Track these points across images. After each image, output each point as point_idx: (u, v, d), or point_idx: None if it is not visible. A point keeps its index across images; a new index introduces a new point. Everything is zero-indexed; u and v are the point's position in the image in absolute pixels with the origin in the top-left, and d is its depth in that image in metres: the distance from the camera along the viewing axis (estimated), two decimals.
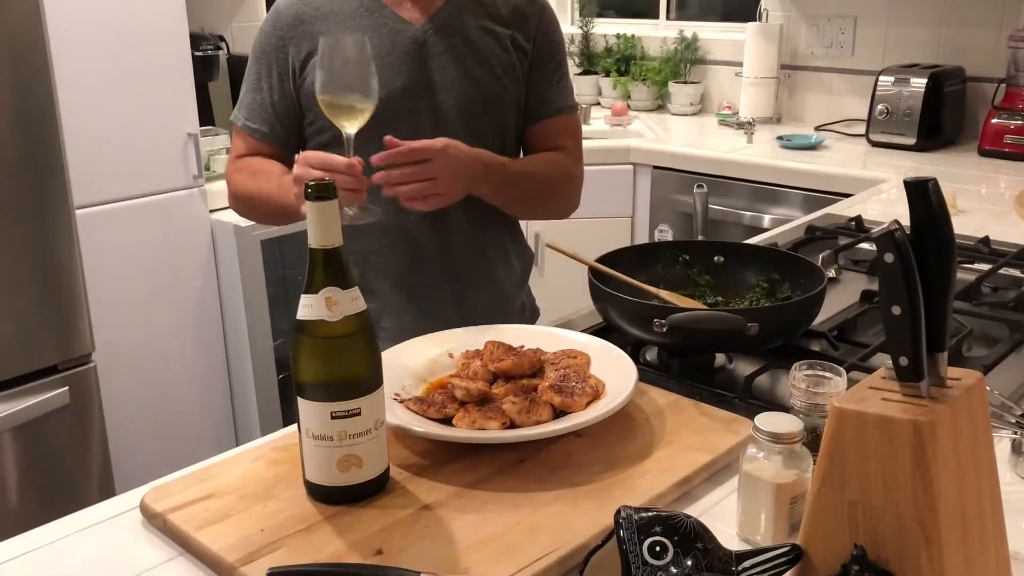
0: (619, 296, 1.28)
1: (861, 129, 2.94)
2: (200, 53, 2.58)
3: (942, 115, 2.76)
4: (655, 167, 2.96)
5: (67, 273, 2.06)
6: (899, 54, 3.00)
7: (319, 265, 0.90)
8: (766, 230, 2.55)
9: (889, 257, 0.72)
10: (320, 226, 0.90)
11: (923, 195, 0.73)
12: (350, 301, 0.91)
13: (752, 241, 1.86)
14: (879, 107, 2.80)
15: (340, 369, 0.92)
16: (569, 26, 4.02)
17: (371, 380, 0.93)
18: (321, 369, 0.92)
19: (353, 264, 1.49)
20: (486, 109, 1.47)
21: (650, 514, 0.76)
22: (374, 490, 0.95)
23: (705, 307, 1.37)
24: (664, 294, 1.38)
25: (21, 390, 2.03)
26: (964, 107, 2.85)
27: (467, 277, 1.53)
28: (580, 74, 3.82)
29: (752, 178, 2.74)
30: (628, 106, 3.52)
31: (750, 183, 2.74)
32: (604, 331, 1.36)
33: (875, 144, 2.84)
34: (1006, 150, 2.62)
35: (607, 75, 3.72)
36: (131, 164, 2.35)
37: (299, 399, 0.92)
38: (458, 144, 1.32)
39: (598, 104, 3.75)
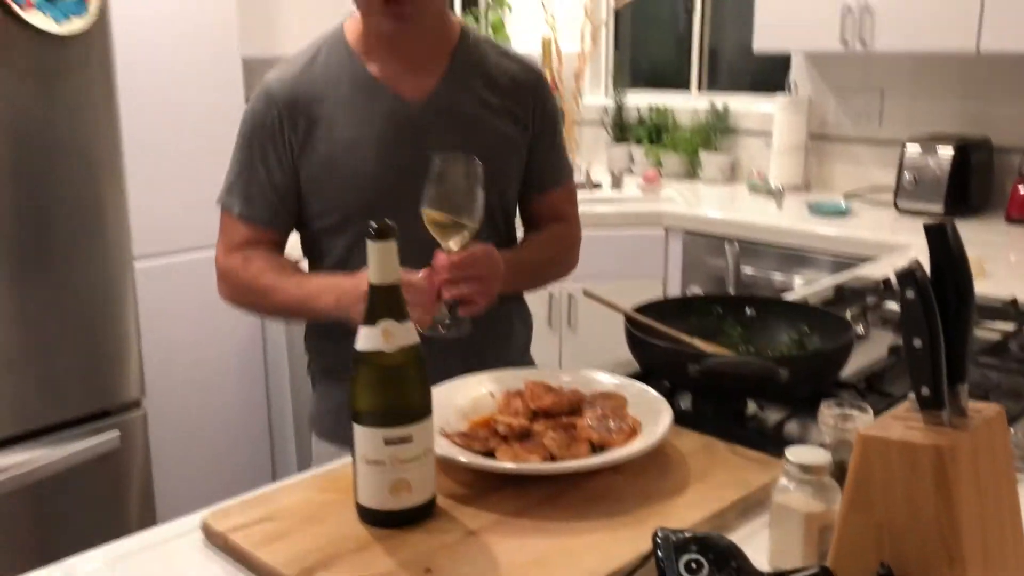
0: (655, 342, 1.34)
1: (889, 197, 3.00)
2: None
3: (969, 184, 2.82)
4: (687, 231, 3.04)
5: (123, 321, 2.15)
6: (926, 125, 3.08)
7: (378, 300, 0.98)
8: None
9: (910, 294, 0.78)
10: (380, 265, 0.97)
11: (942, 237, 0.79)
12: (405, 333, 0.98)
13: (784, 298, 1.91)
14: (906, 175, 2.87)
15: (394, 397, 0.98)
16: (603, 97, 4.16)
17: (422, 409, 0.99)
18: (377, 397, 0.98)
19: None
20: (490, 185, 1.39)
21: (686, 535, 0.81)
22: (422, 515, 1.01)
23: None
24: (699, 343, 1.44)
25: (74, 433, 2.11)
26: (992, 176, 2.91)
27: (477, 347, 1.48)
28: (613, 143, 3.93)
29: (782, 242, 2.80)
30: (660, 173, 3.61)
31: (780, 247, 2.81)
32: (640, 378, 1.41)
33: (903, 211, 2.90)
34: None
35: (639, 143, 3.82)
36: (188, 219, 2.47)
37: (355, 425, 0.98)
38: (492, 246, 1.34)
39: (630, 171, 3.85)
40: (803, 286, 2.64)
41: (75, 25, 1.94)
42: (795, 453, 0.94)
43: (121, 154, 2.11)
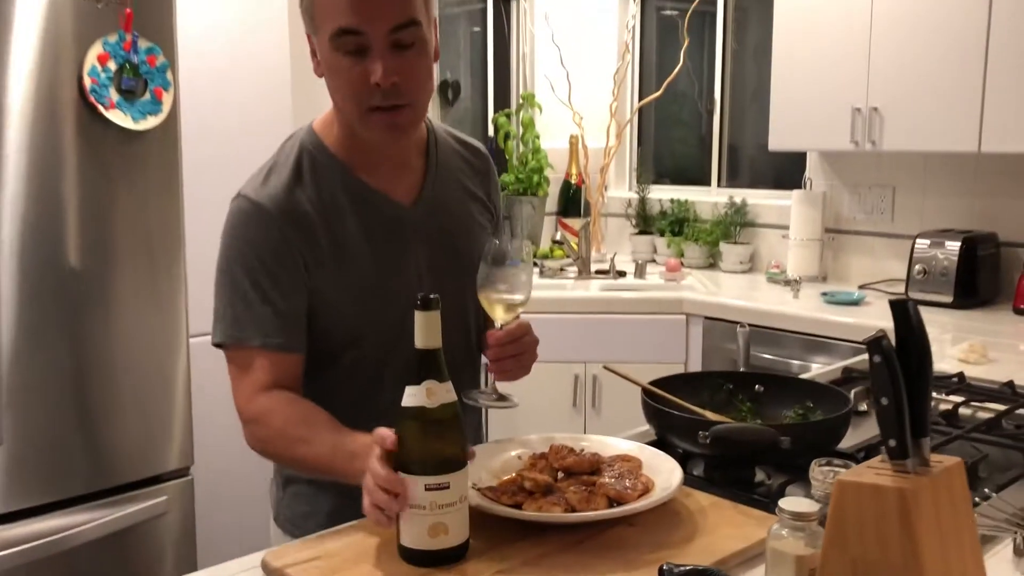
0: (668, 411, 1.47)
1: (902, 288, 3.13)
2: None
3: (977, 276, 2.95)
4: (706, 317, 3.18)
5: (176, 394, 2.32)
6: (936, 220, 3.23)
7: (423, 362, 1.13)
8: None
9: (877, 359, 0.92)
10: (425, 331, 1.13)
11: (904, 312, 0.94)
12: (446, 392, 1.13)
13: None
14: (916, 267, 3.01)
15: (435, 447, 1.12)
16: (627, 191, 4.36)
17: (459, 459, 1.13)
18: (420, 447, 1.12)
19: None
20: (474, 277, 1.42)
21: (689, 567, 0.94)
22: (457, 556, 1.13)
23: None
24: (709, 414, 1.57)
25: (125, 497, 2.25)
26: (999, 269, 3.04)
27: None
28: (637, 234, 4.11)
29: (798, 329, 2.93)
30: (682, 263, 3.77)
31: (797, 334, 2.94)
32: (655, 445, 1.54)
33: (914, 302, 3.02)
34: None
35: (661, 235, 4.00)
36: None
37: (400, 473, 1.12)
38: (529, 323, 1.44)
39: (653, 261, 4.01)
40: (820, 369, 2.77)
41: (149, 122, 2.16)
42: (788, 503, 1.06)
43: (183, 239, 2.30)
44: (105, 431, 2.20)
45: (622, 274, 3.77)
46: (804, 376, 2.15)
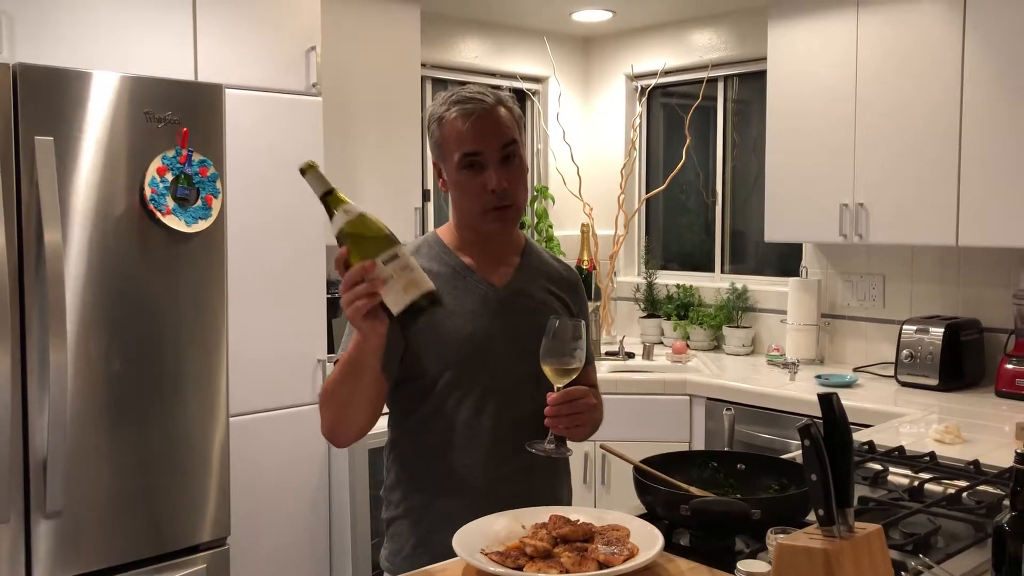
0: (655, 486, 1.68)
1: (892, 371, 3.32)
2: (330, 296, 3.18)
3: (962, 360, 3.15)
4: (709, 398, 3.37)
5: (216, 469, 2.54)
6: (924, 306, 3.44)
7: (328, 204, 1.43)
8: None
9: (807, 442, 1.13)
10: (317, 183, 1.44)
11: (829, 403, 1.15)
12: (355, 209, 1.43)
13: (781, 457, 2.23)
14: (904, 352, 3.20)
15: (371, 237, 1.41)
16: (635, 276, 4.60)
17: (392, 239, 1.43)
18: (361, 243, 1.40)
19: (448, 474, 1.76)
20: None
21: None
22: (434, 299, 1.44)
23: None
24: (694, 490, 1.76)
25: (165, 566, 2.45)
26: (983, 354, 3.23)
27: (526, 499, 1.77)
28: (644, 317, 4.34)
29: (795, 410, 3.12)
30: (687, 345, 3.99)
31: (793, 415, 3.12)
32: (645, 517, 1.73)
33: (903, 384, 3.22)
34: (1019, 392, 2.97)
35: (668, 318, 4.22)
36: (273, 382, 2.90)
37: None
38: (587, 388, 1.73)
39: (660, 343, 4.22)
40: None
41: (200, 226, 2.43)
42: (745, 565, 1.26)
43: (226, 328, 2.55)
44: (152, 503, 2.42)
45: (631, 355, 3.97)
46: (790, 455, 2.35)
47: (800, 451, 1.13)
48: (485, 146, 1.68)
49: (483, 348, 1.74)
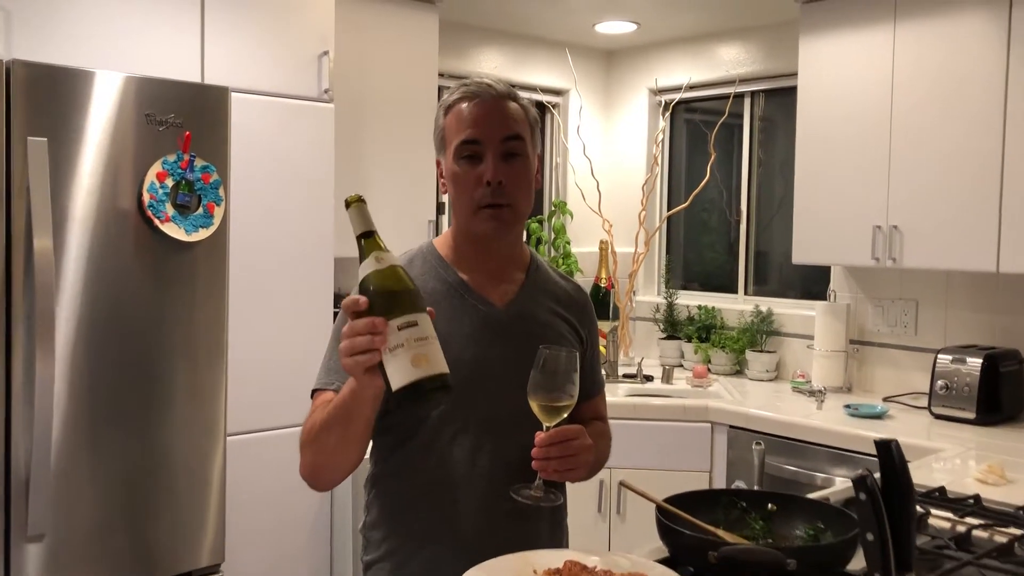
0: (680, 530, 1.53)
1: (926, 402, 3.16)
2: (337, 311, 3.06)
3: (1000, 393, 2.98)
4: (731, 426, 3.22)
5: (212, 492, 2.41)
6: (959, 335, 3.28)
7: (366, 245, 1.31)
8: None
9: (862, 496, 0.99)
10: (360, 220, 1.33)
11: (888, 451, 1.01)
12: (390, 256, 1.31)
13: (810, 495, 2.08)
14: (939, 382, 3.04)
15: (396, 295, 1.27)
16: (655, 296, 4.46)
17: (419, 303, 1.28)
18: (384, 299, 1.25)
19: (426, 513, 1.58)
20: None
21: None
22: (443, 383, 1.26)
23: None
24: (721, 533, 1.62)
25: None
26: (1022, 386, 3.06)
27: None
28: (664, 338, 4.19)
29: (822, 442, 2.96)
30: (708, 369, 3.83)
31: (820, 446, 2.96)
32: (668, 563, 1.59)
33: (937, 416, 3.05)
34: None
35: (688, 341, 4.07)
36: (274, 400, 2.76)
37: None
38: (582, 427, 1.55)
39: (680, 366, 4.07)
40: (844, 486, 2.79)
41: (201, 234, 2.31)
42: None
43: (226, 343, 2.43)
44: (142, 526, 2.29)
45: (649, 378, 3.83)
46: (822, 493, 2.19)
47: (829, 487, 0.99)
48: (485, 135, 1.53)
49: (481, 377, 1.56)
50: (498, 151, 1.53)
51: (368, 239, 1.31)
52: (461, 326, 1.57)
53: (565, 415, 1.49)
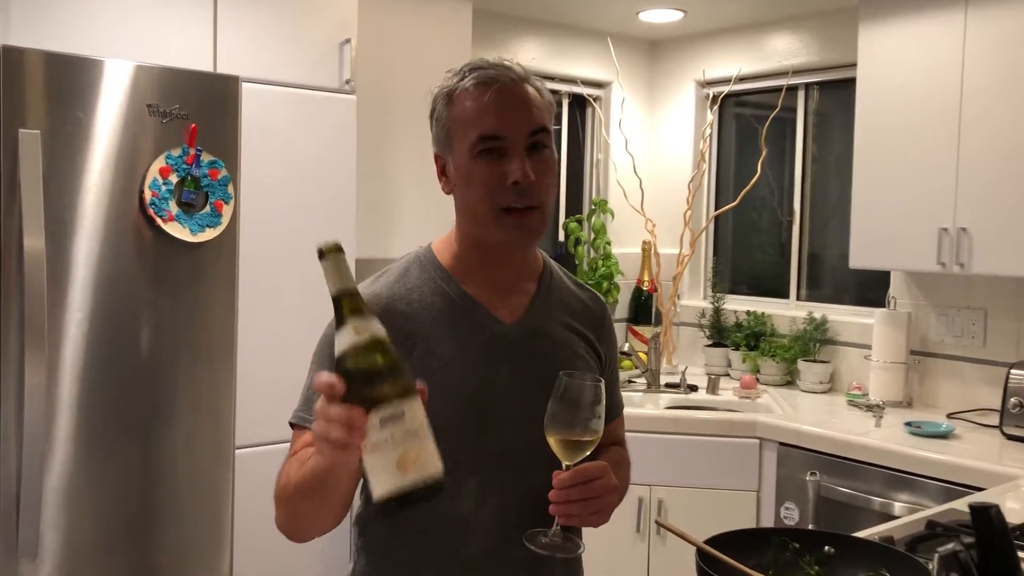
0: None
1: (995, 419, 2.90)
2: None
3: None
4: (781, 443, 2.99)
5: (221, 507, 2.25)
6: None
7: (340, 306, 1.06)
8: (896, 518, 2.50)
9: None
10: (336, 275, 1.06)
11: (986, 520, 0.80)
12: (374, 325, 1.05)
13: (871, 531, 1.86)
14: (1012, 400, 2.78)
15: (379, 380, 1.02)
16: (701, 300, 4.23)
17: (407, 388, 1.03)
18: (363, 385, 1.01)
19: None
20: None
21: None
22: (434, 490, 1.03)
23: None
24: None
25: None
26: None
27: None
28: (710, 345, 3.96)
29: (880, 463, 2.73)
30: (757, 379, 3.60)
31: (878, 468, 2.73)
32: None
33: (1010, 437, 2.79)
34: None
35: (736, 348, 3.84)
36: (286, 412, 2.59)
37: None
38: (606, 464, 1.33)
39: (727, 375, 3.85)
40: (904, 511, 2.55)
41: (208, 235, 2.16)
42: None
43: (235, 352, 2.27)
44: (144, 545, 2.15)
45: (693, 388, 3.61)
46: (884, 528, 1.97)
47: (887, 511, 0.78)
48: (510, 129, 1.32)
49: (488, 407, 1.36)
50: (524, 146, 1.33)
51: (346, 299, 1.07)
52: (468, 348, 1.37)
53: (587, 452, 1.29)
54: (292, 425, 1.40)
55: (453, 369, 1.35)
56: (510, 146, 1.32)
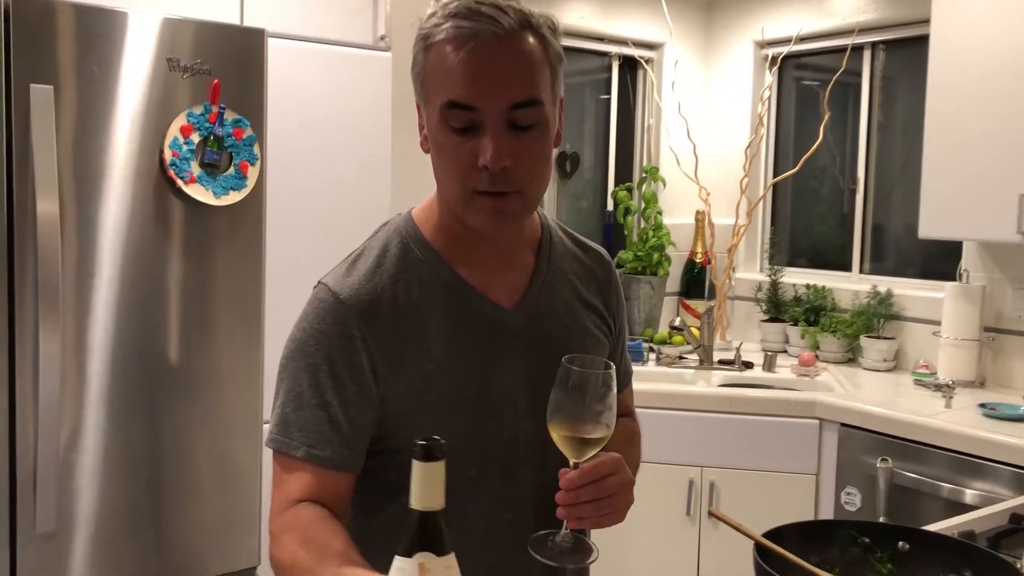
0: None
1: None
2: None
3: None
4: (843, 424, 2.82)
5: (247, 488, 2.16)
6: None
7: (418, 528, 0.86)
8: (967, 506, 2.33)
9: None
10: (424, 488, 0.86)
11: None
12: (444, 570, 0.86)
13: (947, 524, 1.69)
14: None
15: None
16: (757, 273, 4.04)
17: None
18: None
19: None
20: None
21: None
22: None
23: None
24: None
25: None
26: None
27: None
28: (766, 321, 3.78)
29: (951, 447, 2.54)
30: (817, 356, 3.42)
31: (948, 452, 2.54)
32: None
33: None
34: None
35: (795, 324, 3.65)
36: None
37: None
38: (621, 457, 1.18)
39: (784, 352, 3.66)
40: (976, 498, 2.37)
41: (232, 198, 2.04)
42: None
43: (262, 322, 2.16)
44: (160, 526, 2.08)
45: (749, 365, 3.44)
46: (964, 520, 1.79)
47: (957, 499, 0.62)
48: (483, 99, 1.08)
49: (490, 405, 1.20)
50: (502, 122, 1.09)
51: (431, 521, 0.87)
52: (465, 341, 1.19)
53: (597, 449, 1.13)
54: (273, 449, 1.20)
55: (451, 370, 1.18)
56: (484, 120, 1.09)
